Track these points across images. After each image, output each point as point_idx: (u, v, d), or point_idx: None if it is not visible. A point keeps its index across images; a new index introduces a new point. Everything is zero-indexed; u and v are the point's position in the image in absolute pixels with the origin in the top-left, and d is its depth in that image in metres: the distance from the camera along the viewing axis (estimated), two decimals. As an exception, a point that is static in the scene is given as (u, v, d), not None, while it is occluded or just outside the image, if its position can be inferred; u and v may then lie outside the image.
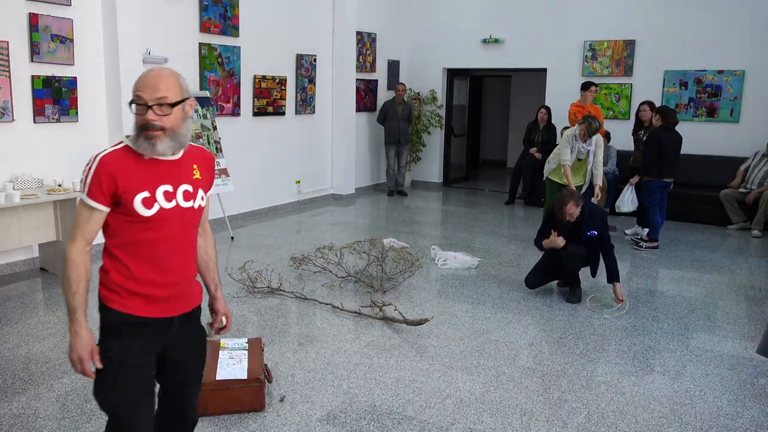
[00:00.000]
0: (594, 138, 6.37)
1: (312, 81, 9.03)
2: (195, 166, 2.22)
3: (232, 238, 7.08)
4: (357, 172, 10.11)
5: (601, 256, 5.17)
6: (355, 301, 5.08)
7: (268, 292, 5.21)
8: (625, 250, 6.87)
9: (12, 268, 5.67)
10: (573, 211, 5.00)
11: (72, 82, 5.91)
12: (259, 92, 8.09)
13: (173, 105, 2.06)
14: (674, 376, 3.88)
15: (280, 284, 5.32)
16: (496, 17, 10.27)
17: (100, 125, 6.27)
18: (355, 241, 6.31)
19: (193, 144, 2.26)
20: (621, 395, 3.61)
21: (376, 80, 10.46)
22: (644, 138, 7.22)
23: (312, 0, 8.87)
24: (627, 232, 7.61)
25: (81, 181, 2.08)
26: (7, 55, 5.37)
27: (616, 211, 7.58)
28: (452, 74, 11.12)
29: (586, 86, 7.81)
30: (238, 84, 7.76)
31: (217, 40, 7.40)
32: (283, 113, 8.57)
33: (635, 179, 7.39)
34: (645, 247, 6.91)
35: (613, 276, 5.04)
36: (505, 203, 9.67)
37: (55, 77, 5.77)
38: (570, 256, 5.11)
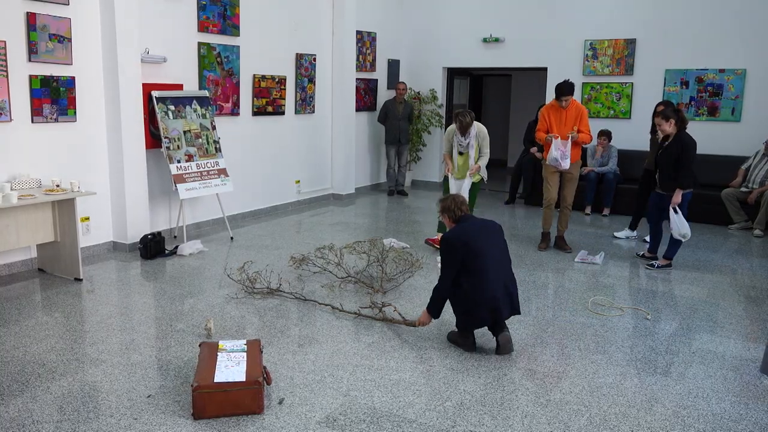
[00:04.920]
0: (473, 130, 6.36)
1: (312, 80, 9.00)
2: None
3: (232, 238, 7.05)
4: (357, 171, 10.08)
5: None
6: (354, 302, 5.05)
7: (268, 293, 5.18)
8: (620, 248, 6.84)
9: (10, 269, 5.65)
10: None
11: (70, 82, 5.88)
12: (258, 92, 8.05)
13: None
14: (677, 377, 3.85)
15: (280, 285, 5.29)
16: (497, 16, 10.23)
17: (99, 125, 6.24)
18: (355, 241, 6.27)
19: None
20: (623, 397, 3.58)
21: (376, 79, 10.42)
22: (659, 141, 6.70)
23: (311, -1, 8.86)
24: (617, 235, 7.48)
25: None
26: (5, 55, 5.34)
27: (675, 238, 6.04)
28: (452, 73, 11.09)
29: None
30: (238, 83, 7.73)
31: (216, 39, 7.37)
32: (283, 113, 8.54)
33: (678, 199, 5.95)
34: (657, 266, 6.18)
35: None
36: (505, 203, 9.64)
37: (53, 77, 5.74)
38: None
